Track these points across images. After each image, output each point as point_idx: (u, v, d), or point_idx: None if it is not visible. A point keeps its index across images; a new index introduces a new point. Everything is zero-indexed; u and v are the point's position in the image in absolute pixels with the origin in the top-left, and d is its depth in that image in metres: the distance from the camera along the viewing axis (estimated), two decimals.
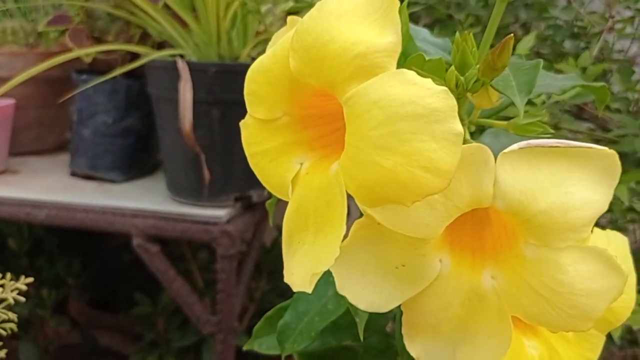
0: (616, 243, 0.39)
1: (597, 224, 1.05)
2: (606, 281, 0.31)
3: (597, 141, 0.82)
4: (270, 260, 1.27)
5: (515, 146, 0.30)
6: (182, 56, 0.87)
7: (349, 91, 0.29)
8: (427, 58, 0.47)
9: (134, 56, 0.96)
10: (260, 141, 0.35)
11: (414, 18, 1.10)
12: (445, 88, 0.28)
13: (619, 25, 0.96)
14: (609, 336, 0.82)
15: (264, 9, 0.80)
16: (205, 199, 0.89)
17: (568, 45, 0.95)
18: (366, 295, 0.32)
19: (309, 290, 0.30)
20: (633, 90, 0.81)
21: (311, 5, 0.81)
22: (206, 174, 0.84)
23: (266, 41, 0.85)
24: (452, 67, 0.36)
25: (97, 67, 1.03)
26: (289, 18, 0.35)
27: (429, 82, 0.28)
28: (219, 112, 0.86)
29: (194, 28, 0.88)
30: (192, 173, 0.89)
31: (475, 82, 0.36)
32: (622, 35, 0.89)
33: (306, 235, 0.32)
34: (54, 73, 0.97)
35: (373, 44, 0.29)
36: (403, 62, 0.44)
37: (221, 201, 0.90)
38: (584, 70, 0.79)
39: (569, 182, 0.30)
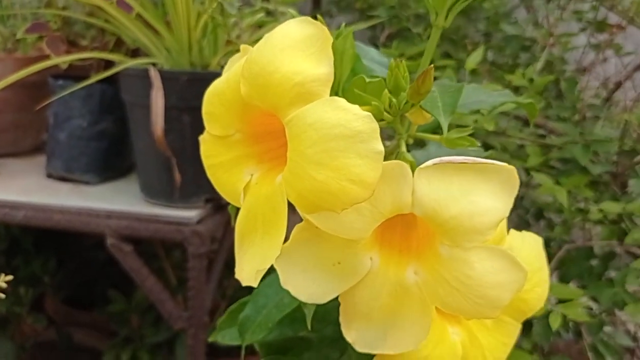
0: (530, 243, 0.45)
1: (551, 223, 1.11)
2: (508, 275, 0.36)
3: (545, 147, 0.88)
4: None
5: (430, 162, 0.35)
6: (154, 64, 0.91)
7: (289, 114, 0.34)
8: (373, 76, 0.53)
9: (109, 61, 1.00)
10: (216, 155, 0.40)
11: (378, 27, 1.16)
12: (369, 113, 0.33)
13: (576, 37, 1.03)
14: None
15: (232, 21, 0.84)
16: (177, 200, 0.94)
17: (523, 56, 1.01)
18: (307, 288, 0.38)
19: (255, 285, 0.35)
20: (577, 101, 0.87)
21: (277, 20, 0.86)
22: (177, 176, 0.89)
23: (235, 51, 0.90)
24: (386, 90, 0.41)
25: (72, 72, 1.07)
26: (242, 46, 0.40)
27: (355, 108, 0.33)
28: (190, 117, 0.90)
29: (167, 37, 0.93)
30: (164, 176, 0.93)
31: (405, 103, 0.41)
32: (566, 49, 0.96)
33: (255, 237, 0.37)
34: (31, 77, 0.99)
35: (310, 75, 0.34)
36: (352, 79, 0.49)
37: (192, 202, 0.94)
38: (531, 81, 0.85)
39: (475, 193, 0.35)
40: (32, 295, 1.31)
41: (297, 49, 0.35)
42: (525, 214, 1.18)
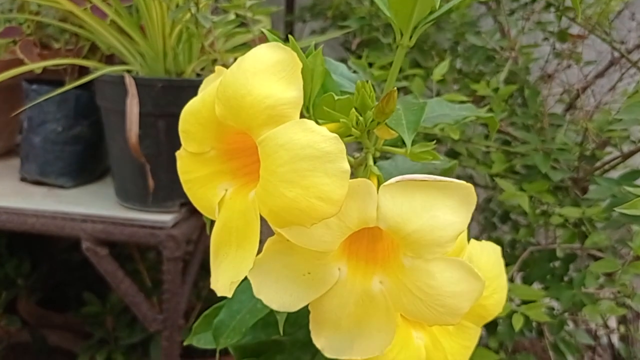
0: (488, 251, 0.47)
1: (516, 225, 1.14)
2: (467, 285, 0.39)
3: (508, 153, 0.91)
4: None
5: (393, 180, 0.37)
6: (129, 71, 0.93)
7: (262, 135, 0.36)
8: (343, 92, 0.55)
9: (84, 66, 1.01)
10: (192, 170, 0.42)
11: (350, 32, 1.18)
12: (336, 135, 0.35)
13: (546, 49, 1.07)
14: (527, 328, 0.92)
15: (205, 30, 0.86)
16: (152, 204, 0.95)
17: (489, 65, 1.04)
18: (279, 297, 0.40)
19: (229, 295, 0.37)
20: (539, 110, 0.91)
21: (250, 28, 0.88)
22: (150, 182, 0.90)
23: (210, 60, 0.91)
24: (353, 109, 0.44)
25: (46, 76, 1.07)
26: (217, 68, 0.42)
27: (324, 129, 0.36)
28: (165, 123, 0.92)
29: (141, 43, 0.94)
30: (139, 180, 0.95)
31: (372, 121, 0.44)
32: (529, 60, 0.99)
33: (229, 249, 0.39)
34: (3, 80, 1.00)
35: (280, 98, 0.36)
36: (322, 93, 0.52)
37: (167, 207, 0.96)
38: (496, 90, 0.89)
39: (435, 208, 0.37)
40: (5, 298, 1.31)
41: (268, 73, 0.37)
42: (492, 216, 1.22)
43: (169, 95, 0.90)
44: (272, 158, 0.36)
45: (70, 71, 1.07)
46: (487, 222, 1.21)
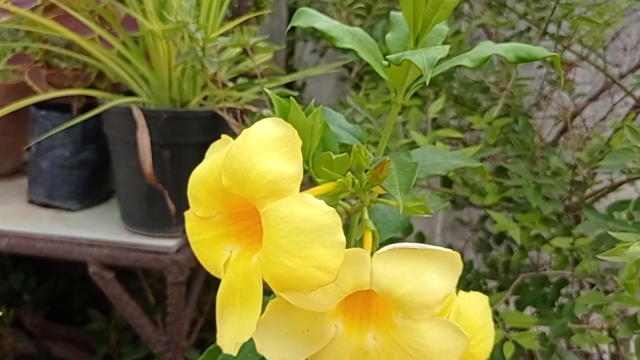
0: (476, 302, 0.50)
1: (511, 248, 1.16)
2: (453, 342, 0.42)
3: (500, 184, 0.94)
4: None
5: (385, 248, 0.41)
6: (135, 101, 0.96)
7: (265, 206, 0.39)
8: (341, 144, 0.58)
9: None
10: (200, 232, 0.45)
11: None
12: (333, 209, 0.39)
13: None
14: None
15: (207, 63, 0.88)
16: (156, 229, 0.98)
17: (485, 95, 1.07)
18: (280, 353, 0.43)
19: (234, 354, 0.40)
20: (531, 142, 0.94)
21: (252, 58, 0.91)
22: (171, 205, 0.93)
23: (212, 96, 0.94)
24: (349, 173, 0.47)
25: (54, 101, 1.10)
26: (223, 136, 0.45)
27: (322, 203, 0.39)
28: (170, 153, 0.95)
29: (147, 74, 0.97)
30: (145, 206, 0.98)
31: (367, 183, 0.47)
32: (523, 93, 1.02)
33: (234, 308, 0.43)
34: (11, 102, 1.02)
35: (282, 173, 0.39)
36: (322, 149, 0.55)
37: (171, 232, 0.99)
38: (490, 123, 0.92)
39: (425, 274, 0.40)
40: (13, 316, 1.34)
41: (270, 149, 0.40)
42: (487, 238, 1.25)
43: (173, 126, 0.93)
44: (274, 229, 0.39)
45: (78, 96, 1.10)
46: (482, 243, 1.23)
